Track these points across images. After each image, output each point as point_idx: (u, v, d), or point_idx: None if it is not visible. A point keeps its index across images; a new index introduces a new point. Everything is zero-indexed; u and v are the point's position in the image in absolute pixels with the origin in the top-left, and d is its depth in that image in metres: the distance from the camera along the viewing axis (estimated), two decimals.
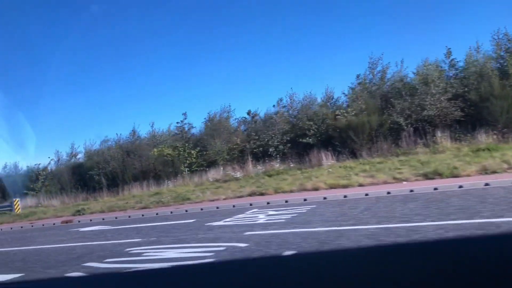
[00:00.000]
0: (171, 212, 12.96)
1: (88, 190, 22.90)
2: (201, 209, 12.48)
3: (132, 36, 42.16)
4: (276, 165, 18.11)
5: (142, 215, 13.49)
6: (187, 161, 21.08)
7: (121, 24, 41.56)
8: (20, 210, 20.91)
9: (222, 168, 20.04)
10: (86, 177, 23.26)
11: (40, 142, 40.03)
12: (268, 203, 11.42)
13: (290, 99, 21.48)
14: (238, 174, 17.76)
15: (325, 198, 10.73)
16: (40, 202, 22.93)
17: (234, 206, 11.99)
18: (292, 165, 17.24)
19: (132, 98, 41.43)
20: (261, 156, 19.34)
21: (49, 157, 27.34)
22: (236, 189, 14.86)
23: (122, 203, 16.74)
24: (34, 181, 26.46)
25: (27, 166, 27.83)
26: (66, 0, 38.92)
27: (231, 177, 17.89)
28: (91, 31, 41.14)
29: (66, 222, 14.79)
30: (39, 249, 8.65)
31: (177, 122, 24.41)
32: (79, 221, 14.67)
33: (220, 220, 9.13)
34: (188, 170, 21.05)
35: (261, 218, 8.51)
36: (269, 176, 16.77)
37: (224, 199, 13.76)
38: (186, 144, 21.20)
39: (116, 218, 13.84)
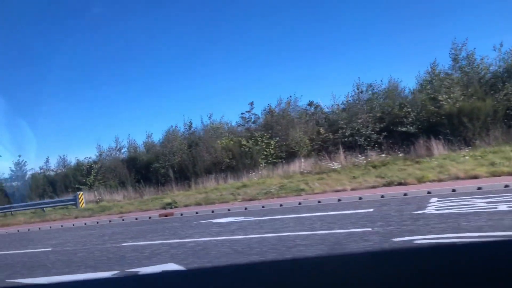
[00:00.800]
0: (300, 203, 11.63)
1: (152, 183, 21.53)
2: (339, 200, 11.14)
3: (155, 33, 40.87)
4: (373, 155, 16.78)
5: (263, 207, 12.15)
6: (265, 152, 19.75)
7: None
8: (84, 204, 19.56)
9: (303, 160, 18.74)
10: (150, 170, 21.90)
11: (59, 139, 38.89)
12: (428, 192, 10.09)
13: (358, 89, 20.22)
14: (335, 165, 16.41)
15: (507, 186, 9.41)
16: (100, 197, 21.57)
17: (382, 196, 10.64)
18: (400, 155, 15.89)
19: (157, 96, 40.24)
20: (351, 146, 18.01)
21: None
22: (352, 180, 13.54)
23: (215, 196, 15.38)
24: (86, 175, 25.20)
25: (77, 160, 26.51)
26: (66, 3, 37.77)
27: (326, 168, 16.55)
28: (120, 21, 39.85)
29: (166, 216, 13.44)
30: (227, 240, 7.30)
31: (242, 113, 23.20)
32: (181, 214, 13.35)
33: (420, 209, 7.78)
34: (264, 162, 19.75)
35: (493, 207, 7.17)
36: (374, 167, 15.43)
37: (352, 189, 12.42)
38: (265, 134, 19.84)
39: (229, 210, 12.50)
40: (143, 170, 23.01)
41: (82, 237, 11.08)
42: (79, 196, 19.45)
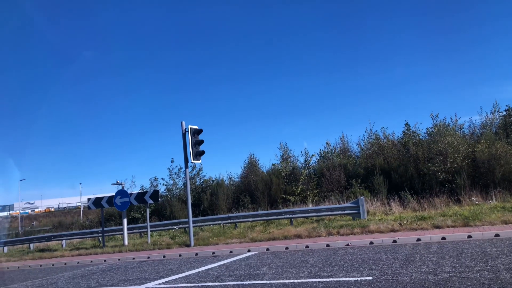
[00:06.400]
0: None
1: (416, 193, 16.25)
2: None
3: None
4: None
5: None
6: None
7: None
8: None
9: None
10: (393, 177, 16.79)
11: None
12: None
13: None
14: None
15: None
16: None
17: None
18: None
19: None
20: None
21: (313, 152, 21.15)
22: None
23: None
24: (287, 183, 20.30)
25: (272, 164, 21.59)
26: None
27: None
28: None
29: None
30: None
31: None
32: None
33: None
34: None
35: None
36: None
37: None
38: None
39: None
40: (386, 177, 17.77)
41: None
42: (363, 203, 14.23)
